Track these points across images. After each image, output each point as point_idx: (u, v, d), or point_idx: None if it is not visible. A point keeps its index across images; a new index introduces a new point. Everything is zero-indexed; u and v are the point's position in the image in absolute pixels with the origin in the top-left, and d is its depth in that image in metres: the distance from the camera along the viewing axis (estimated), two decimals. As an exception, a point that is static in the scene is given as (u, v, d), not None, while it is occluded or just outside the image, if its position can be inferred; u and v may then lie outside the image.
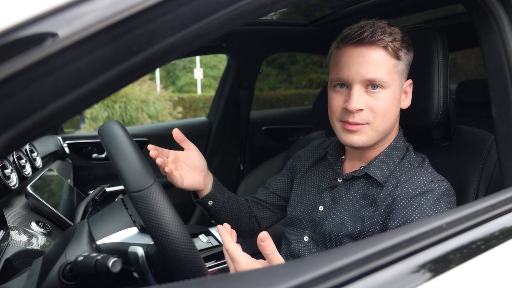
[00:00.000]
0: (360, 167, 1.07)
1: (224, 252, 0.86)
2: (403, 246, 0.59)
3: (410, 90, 1.06)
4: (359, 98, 0.96)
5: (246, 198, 1.35)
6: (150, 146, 1.01)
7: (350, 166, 1.12)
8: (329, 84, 1.05)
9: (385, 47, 0.96)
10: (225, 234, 0.85)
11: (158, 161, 0.98)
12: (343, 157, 1.15)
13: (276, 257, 0.76)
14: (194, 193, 1.19)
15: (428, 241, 0.61)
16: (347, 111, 0.98)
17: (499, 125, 0.92)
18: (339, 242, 1.03)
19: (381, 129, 1.00)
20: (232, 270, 0.82)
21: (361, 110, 0.97)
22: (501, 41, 0.90)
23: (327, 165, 1.19)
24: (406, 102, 1.06)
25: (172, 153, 1.09)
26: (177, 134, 1.09)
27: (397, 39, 0.97)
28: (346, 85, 1.00)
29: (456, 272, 0.60)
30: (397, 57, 0.98)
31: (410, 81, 1.05)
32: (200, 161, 1.12)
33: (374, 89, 0.97)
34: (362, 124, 0.98)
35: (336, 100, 1.02)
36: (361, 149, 1.06)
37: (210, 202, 1.18)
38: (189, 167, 1.10)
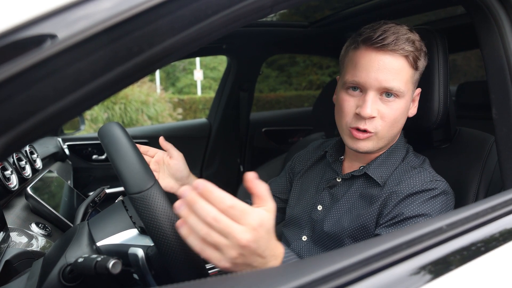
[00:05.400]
0: (360, 167, 1.07)
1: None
2: (403, 248, 0.59)
3: (417, 98, 1.06)
4: (373, 104, 0.94)
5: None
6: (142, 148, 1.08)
7: (349, 166, 1.11)
8: (342, 85, 1.01)
9: (406, 57, 0.94)
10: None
11: None
12: (342, 157, 1.14)
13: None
14: None
15: (428, 242, 0.61)
16: (359, 116, 0.96)
17: (499, 126, 0.92)
18: (338, 242, 1.03)
19: (386, 136, 0.99)
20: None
21: (374, 117, 0.95)
22: (501, 43, 0.90)
23: (326, 165, 1.18)
24: (412, 111, 1.05)
25: (158, 154, 1.16)
26: (162, 142, 1.16)
27: (418, 48, 0.95)
28: (360, 89, 0.97)
29: (456, 274, 0.60)
30: (416, 67, 0.97)
31: (419, 89, 1.04)
32: (181, 172, 1.15)
33: (388, 97, 0.95)
34: (371, 133, 0.96)
35: (348, 103, 0.98)
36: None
37: None
38: (169, 173, 1.15)
